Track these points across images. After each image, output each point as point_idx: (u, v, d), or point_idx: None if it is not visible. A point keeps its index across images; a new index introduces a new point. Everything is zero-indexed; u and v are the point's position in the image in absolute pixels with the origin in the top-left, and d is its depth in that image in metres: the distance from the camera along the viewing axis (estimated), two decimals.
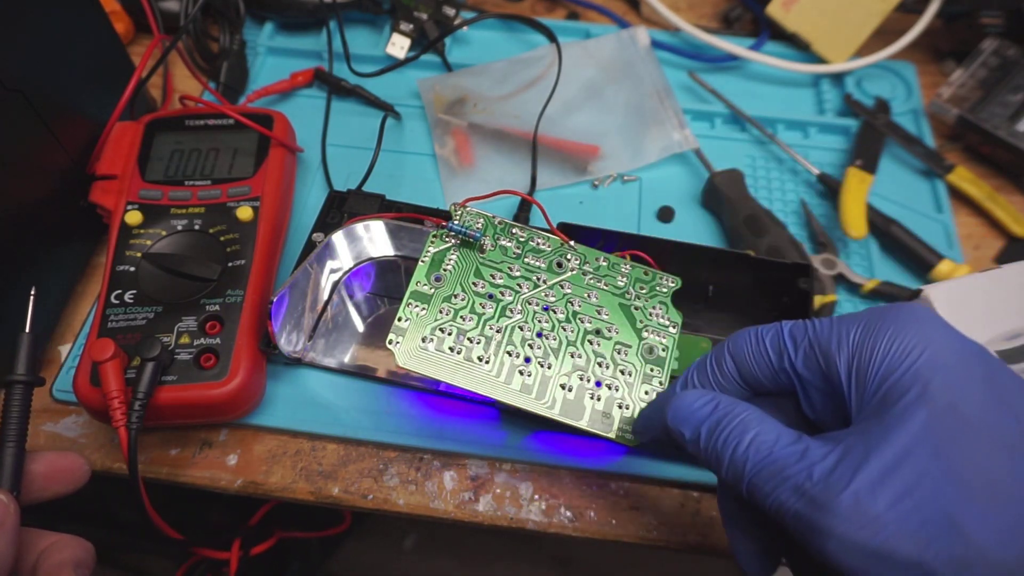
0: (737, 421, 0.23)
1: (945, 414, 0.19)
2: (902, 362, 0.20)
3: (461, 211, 0.34)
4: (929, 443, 0.19)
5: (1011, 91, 0.46)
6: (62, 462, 0.29)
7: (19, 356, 0.28)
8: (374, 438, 0.36)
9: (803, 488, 0.20)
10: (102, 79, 0.41)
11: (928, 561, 0.18)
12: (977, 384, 0.19)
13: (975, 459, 0.19)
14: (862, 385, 0.21)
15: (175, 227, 0.37)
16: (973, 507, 0.18)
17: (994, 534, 0.18)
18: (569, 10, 0.56)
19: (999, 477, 0.18)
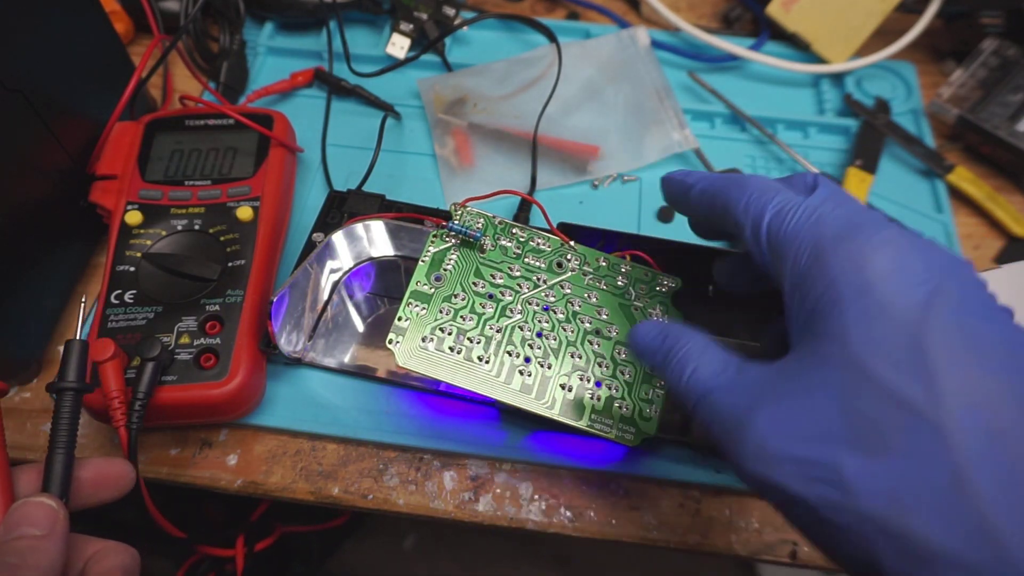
0: (681, 354, 0.25)
1: (854, 369, 0.20)
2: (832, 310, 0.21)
3: (461, 211, 0.34)
4: (833, 396, 0.20)
5: (1011, 91, 0.46)
6: (109, 468, 0.29)
7: (69, 363, 0.28)
8: (374, 438, 0.36)
9: (724, 423, 0.22)
10: (102, 79, 0.41)
11: (812, 501, 0.20)
12: (898, 342, 0.19)
13: (869, 415, 0.19)
14: (799, 312, 0.22)
15: (175, 227, 0.37)
16: (856, 457, 0.19)
17: (868, 484, 0.19)
18: (569, 10, 0.56)
19: (889, 434, 0.19)
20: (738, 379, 0.23)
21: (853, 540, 0.19)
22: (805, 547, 0.34)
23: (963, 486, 0.18)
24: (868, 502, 0.18)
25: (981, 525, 0.17)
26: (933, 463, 0.18)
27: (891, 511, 0.18)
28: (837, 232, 0.22)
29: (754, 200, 0.24)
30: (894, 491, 0.18)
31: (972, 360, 0.19)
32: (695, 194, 0.27)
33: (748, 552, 0.34)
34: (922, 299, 0.20)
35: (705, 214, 0.27)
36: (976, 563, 0.17)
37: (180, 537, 0.35)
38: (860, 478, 0.19)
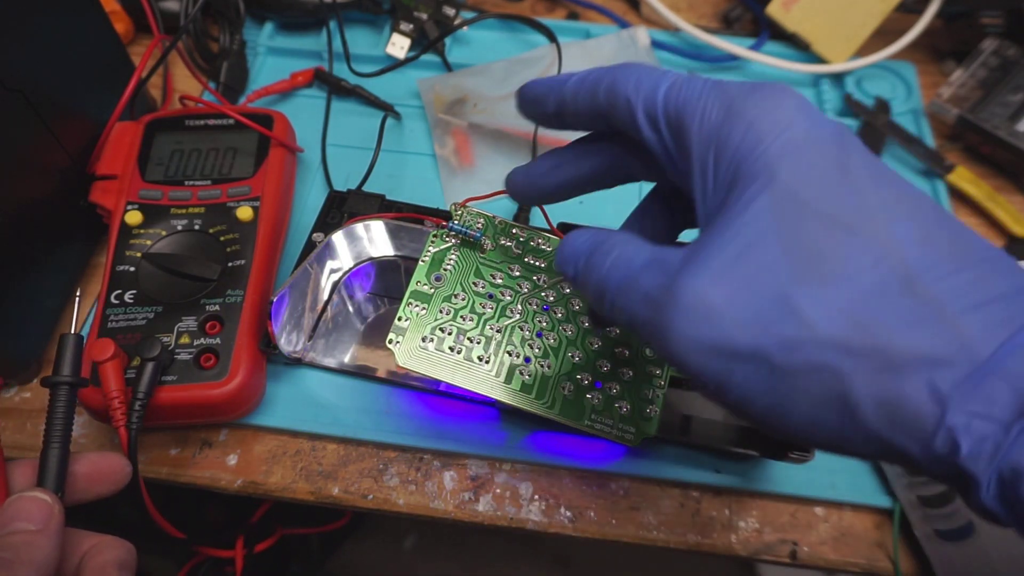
0: (605, 247, 0.23)
1: (787, 198, 0.19)
2: (753, 150, 0.20)
3: (461, 211, 0.34)
4: (769, 230, 0.19)
5: (1011, 91, 0.46)
6: (104, 463, 0.29)
7: (64, 357, 0.28)
8: (374, 438, 0.36)
9: (650, 295, 0.20)
10: (102, 79, 0.41)
11: (764, 346, 0.18)
12: (825, 166, 0.19)
13: (812, 241, 0.19)
14: (716, 174, 0.21)
15: (175, 227, 0.37)
16: (807, 288, 0.18)
17: (824, 311, 0.18)
18: (569, 10, 0.56)
19: (833, 257, 0.18)
20: (665, 254, 0.21)
21: (815, 376, 0.18)
22: (805, 547, 0.35)
23: (914, 286, 0.18)
24: (828, 328, 0.18)
25: (938, 316, 0.17)
26: (882, 273, 0.18)
27: (853, 329, 0.18)
28: (742, 88, 0.21)
29: (645, 76, 0.23)
30: (851, 311, 0.18)
31: (886, 180, 0.20)
32: (571, 85, 0.25)
33: (748, 552, 0.34)
34: (834, 132, 0.20)
35: (584, 106, 0.25)
36: (940, 353, 0.17)
37: (180, 538, 0.35)
38: (814, 307, 0.18)
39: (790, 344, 0.18)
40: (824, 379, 0.18)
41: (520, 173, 0.29)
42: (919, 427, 0.17)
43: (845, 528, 0.35)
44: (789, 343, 0.18)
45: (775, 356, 0.18)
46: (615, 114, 0.24)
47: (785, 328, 0.18)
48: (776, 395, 0.19)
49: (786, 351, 0.18)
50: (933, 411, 0.17)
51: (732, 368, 0.19)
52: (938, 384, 0.17)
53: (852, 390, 0.18)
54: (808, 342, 0.18)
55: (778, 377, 0.18)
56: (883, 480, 0.36)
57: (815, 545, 0.35)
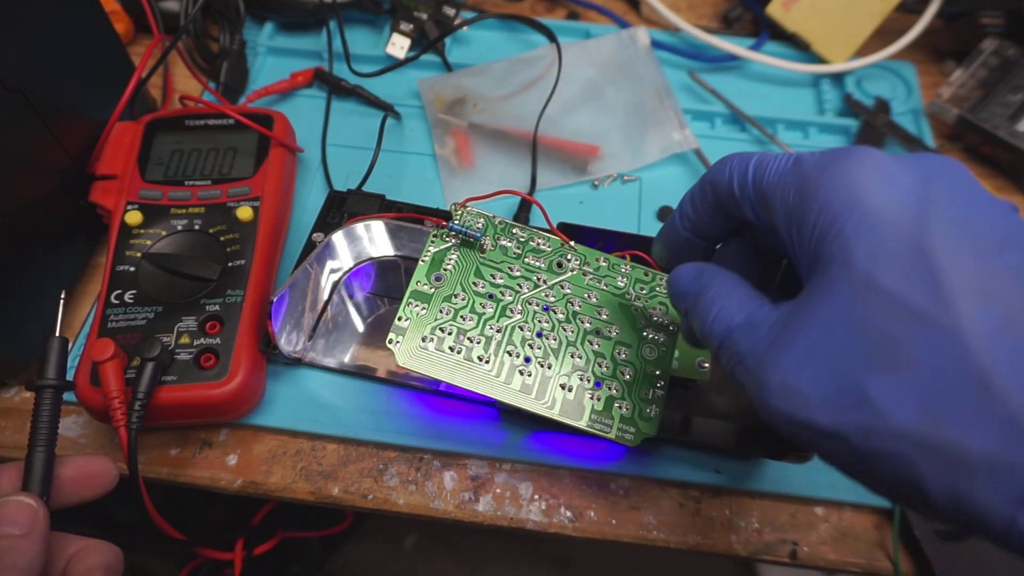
0: (710, 294, 0.25)
1: (861, 284, 0.19)
2: (828, 232, 0.20)
3: (461, 211, 0.34)
4: (847, 317, 0.19)
5: (1011, 91, 0.46)
6: (91, 467, 0.28)
7: (49, 360, 0.28)
8: (374, 438, 0.36)
9: (744, 362, 0.22)
10: (102, 79, 0.41)
11: (843, 430, 0.19)
12: (899, 246, 0.19)
13: (886, 328, 0.19)
14: (801, 250, 0.22)
15: (175, 227, 0.37)
16: (880, 376, 0.18)
17: (896, 401, 0.18)
18: (569, 10, 0.56)
19: (906, 345, 0.18)
20: (758, 317, 0.23)
21: (890, 462, 0.18)
22: (805, 547, 0.35)
23: (988, 384, 0.17)
24: (899, 420, 0.18)
25: (1011, 418, 0.17)
26: (956, 367, 0.18)
27: (924, 424, 0.18)
28: (817, 163, 0.22)
29: (736, 161, 0.25)
30: (923, 403, 0.18)
31: (973, 253, 0.18)
32: (686, 202, 0.28)
33: (748, 552, 0.34)
34: (916, 201, 0.19)
35: (706, 212, 0.27)
36: (1011, 459, 0.17)
37: (180, 539, 0.35)
38: (887, 396, 0.18)
39: (865, 430, 0.19)
40: (897, 466, 0.18)
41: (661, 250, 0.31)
42: (992, 526, 0.17)
43: (845, 528, 0.35)
44: (864, 429, 0.19)
45: (853, 439, 0.19)
46: (723, 204, 0.26)
47: (860, 415, 0.19)
48: (859, 468, 0.20)
49: (862, 436, 0.19)
50: (1004, 515, 0.17)
51: (819, 441, 0.20)
52: (1010, 489, 0.17)
53: (923, 480, 0.18)
54: (881, 430, 0.18)
55: (858, 456, 0.19)
56: None
57: (815, 545, 0.35)
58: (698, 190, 0.27)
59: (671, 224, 0.29)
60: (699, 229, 0.28)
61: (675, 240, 0.29)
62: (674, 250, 0.29)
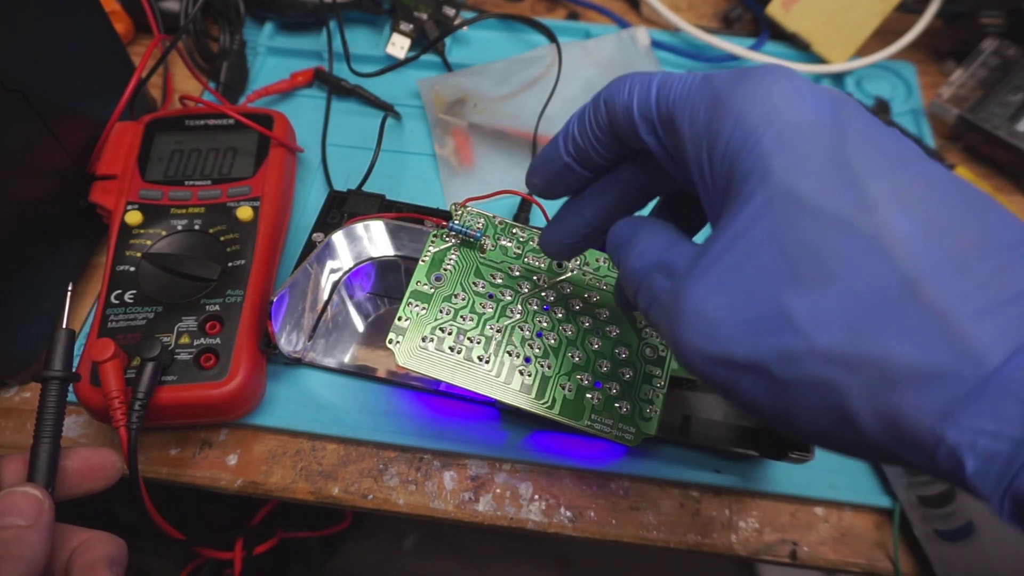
0: (635, 239, 0.23)
1: (781, 197, 0.18)
2: (743, 146, 0.19)
3: (462, 211, 0.34)
4: (765, 233, 0.18)
5: (1011, 91, 0.46)
6: (95, 458, 0.28)
7: (55, 352, 0.28)
8: (374, 438, 0.36)
9: (660, 298, 0.20)
10: (102, 79, 0.41)
11: (763, 359, 0.18)
12: (820, 157, 0.18)
13: (808, 243, 0.17)
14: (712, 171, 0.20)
15: (175, 227, 0.37)
16: (803, 295, 0.17)
17: (819, 318, 0.17)
18: (569, 10, 0.56)
19: (830, 260, 0.17)
20: (676, 254, 0.21)
21: (814, 391, 0.17)
22: (805, 547, 0.35)
23: (916, 292, 0.16)
24: (823, 340, 0.17)
25: (939, 324, 0.16)
26: (881, 277, 0.17)
27: (850, 340, 0.17)
28: (729, 79, 0.20)
29: (638, 81, 0.23)
30: (849, 318, 0.17)
31: (889, 164, 0.18)
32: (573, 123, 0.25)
33: (748, 552, 0.34)
34: (831, 116, 0.19)
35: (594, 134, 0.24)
36: (939, 366, 0.16)
37: (180, 539, 0.35)
38: (810, 315, 0.17)
39: (786, 356, 0.17)
40: (822, 392, 0.17)
41: (551, 236, 0.29)
42: (920, 443, 0.16)
43: (845, 528, 0.35)
44: (785, 355, 0.17)
45: (773, 368, 0.18)
46: (618, 126, 0.23)
47: (781, 339, 0.17)
48: (780, 403, 0.18)
49: (783, 363, 0.17)
50: (932, 428, 0.16)
51: (737, 377, 0.18)
52: (938, 399, 0.16)
53: (850, 404, 0.17)
54: (804, 354, 0.17)
55: (779, 388, 0.18)
56: (883, 480, 0.36)
57: (815, 545, 0.35)
58: (590, 109, 0.24)
59: (552, 147, 0.26)
60: (584, 155, 0.25)
61: (554, 166, 0.26)
62: (550, 177, 0.27)
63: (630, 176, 0.26)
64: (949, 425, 0.16)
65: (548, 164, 0.26)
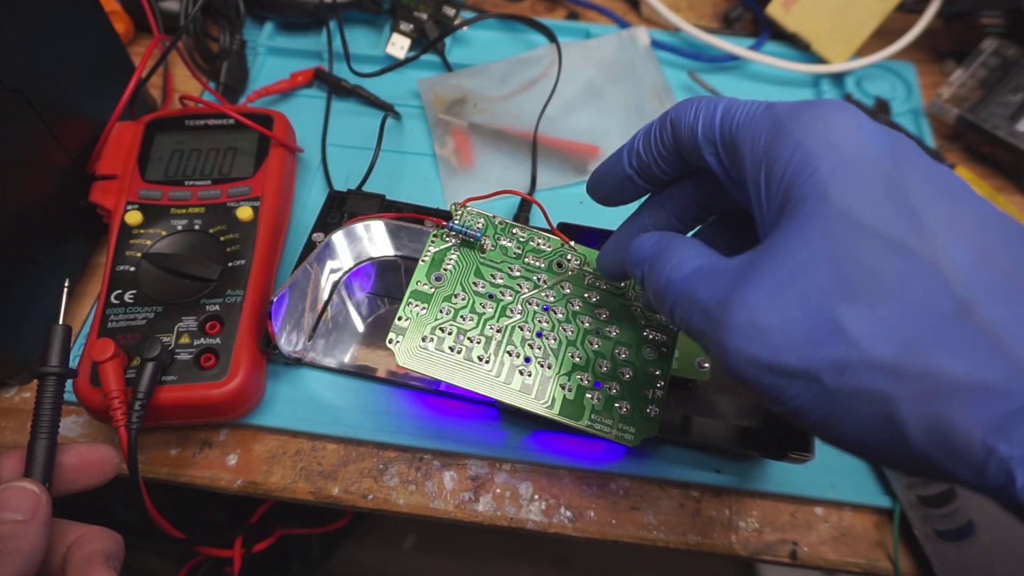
0: (668, 252, 0.24)
1: (839, 219, 0.19)
2: (802, 171, 0.20)
3: (462, 211, 0.34)
4: (821, 250, 0.19)
5: (1011, 91, 0.46)
6: (93, 454, 0.29)
7: (52, 348, 0.28)
8: (374, 438, 0.36)
9: (706, 308, 0.21)
10: (102, 79, 0.41)
11: (814, 367, 0.18)
12: (879, 185, 0.19)
13: (864, 262, 0.18)
14: (768, 194, 0.21)
15: (175, 227, 0.37)
16: (857, 308, 0.18)
17: (873, 332, 0.18)
18: (569, 10, 0.56)
19: (885, 278, 0.18)
20: (719, 264, 0.22)
21: (864, 399, 0.18)
22: (805, 547, 0.35)
23: (968, 311, 0.17)
24: (877, 350, 0.18)
25: (992, 343, 0.17)
26: (935, 296, 0.18)
27: (904, 353, 0.17)
28: (790, 108, 0.21)
29: (703, 105, 0.24)
30: (902, 334, 0.17)
31: (945, 194, 0.19)
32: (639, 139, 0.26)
33: (748, 552, 0.34)
34: (889, 147, 0.20)
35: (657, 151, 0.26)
36: (993, 382, 0.17)
37: (179, 538, 0.35)
38: (864, 328, 0.18)
39: (839, 366, 0.18)
40: (872, 401, 0.18)
41: (611, 255, 0.30)
42: (970, 456, 0.17)
43: (845, 528, 0.35)
44: (838, 364, 0.18)
45: (824, 376, 0.18)
46: (682, 145, 0.25)
47: (834, 349, 0.18)
48: (826, 411, 0.19)
49: (835, 372, 0.18)
50: (984, 441, 0.16)
51: (785, 384, 0.19)
52: (991, 413, 0.16)
53: (899, 413, 0.17)
54: (857, 364, 0.18)
55: (828, 396, 0.18)
56: (883, 480, 0.36)
57: (815, 545, 0.35)
58: (656, 127, 0.25)
59: (616, 159, 0.27)
60: (646, 169, 0.26)
61: (616, 177, 0.27)
62: (612, 188, 0.28)
63: (690, 192, 0.27)
64: (1002, 439, 0.16)
65: (610, 175, 0.28)
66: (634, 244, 0.26)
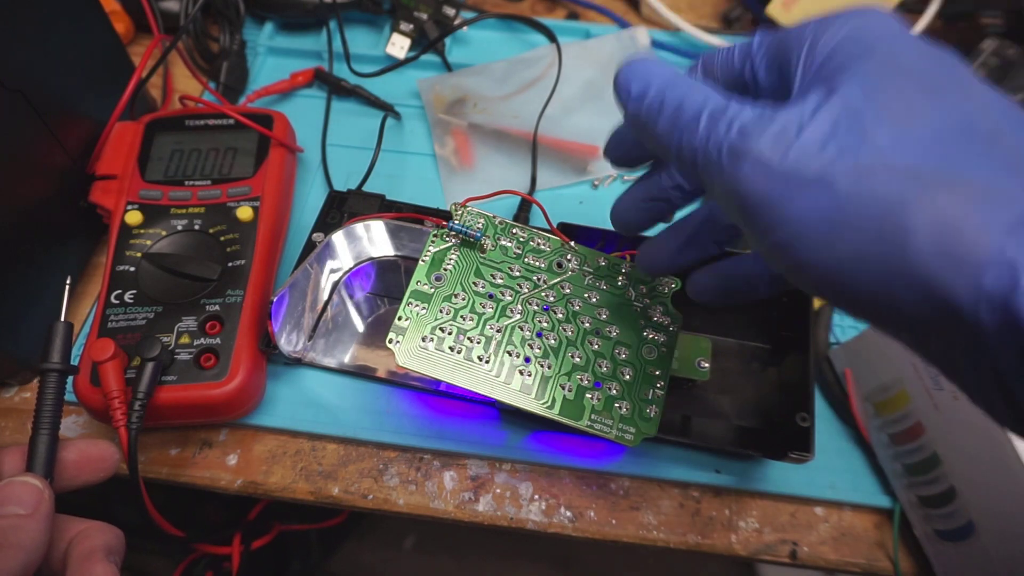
0: (689, 84, 0.23)
1: (883, 62, 0.19)
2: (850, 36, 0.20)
3: (462, 211, 0.34)
4: (860, 83, 0.19)
5: (1011, 91, 0.46)
6: (93, 450, 0.29)
7: (53, 344, 0.28)
8: (374, 438, 0.36)
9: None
10: (102, 79, 0.41)
11: (830, 173, 0.18)
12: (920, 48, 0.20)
13: (901, 94, 0.19)
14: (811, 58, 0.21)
15: (175, 227, 0.37)
16: (886, 124, 0.18)
17: (901, 143, 0.18)
18: (569, 10, 0.56)
19: (921, 105, 0.18)
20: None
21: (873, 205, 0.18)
22: (805, 547, 0.35)
23: (999, 138, 0.18)
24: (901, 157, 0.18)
25: (1019, 163, 0.17)
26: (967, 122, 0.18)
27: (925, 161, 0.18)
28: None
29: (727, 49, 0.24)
30: (929, 146, 0.18)
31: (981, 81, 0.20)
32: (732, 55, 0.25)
33: (748, 552, 0.34)
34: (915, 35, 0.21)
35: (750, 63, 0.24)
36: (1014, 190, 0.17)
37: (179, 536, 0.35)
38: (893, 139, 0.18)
39: (860, 169, 0.18)
40: (884, 206, 0.17)
41: (652, 257, 0.30)
42: (973, 257, 0.16)
43: (845, 528, 0.35)
44: (859, 168, 0.18)
45: (840, 182, 0.18)
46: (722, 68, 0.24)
47: (859, 155, 0.18)
48: (828, 225, 0.18)
49: (854, 176, 0.18)
50: (993, 241, 0.16)
51: (792, 196, 0.19)
52: (1006, 216, 0.16)
53: (910, 216, 0.17)
54: (878, 168, 0.18)
55: (837, 205, 0.18)
56: (883, 480, 0.36)
57: (815, 545, 0.35)
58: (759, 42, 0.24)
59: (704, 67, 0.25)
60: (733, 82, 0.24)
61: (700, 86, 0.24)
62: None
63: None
64: (1012, 240, 0.16)
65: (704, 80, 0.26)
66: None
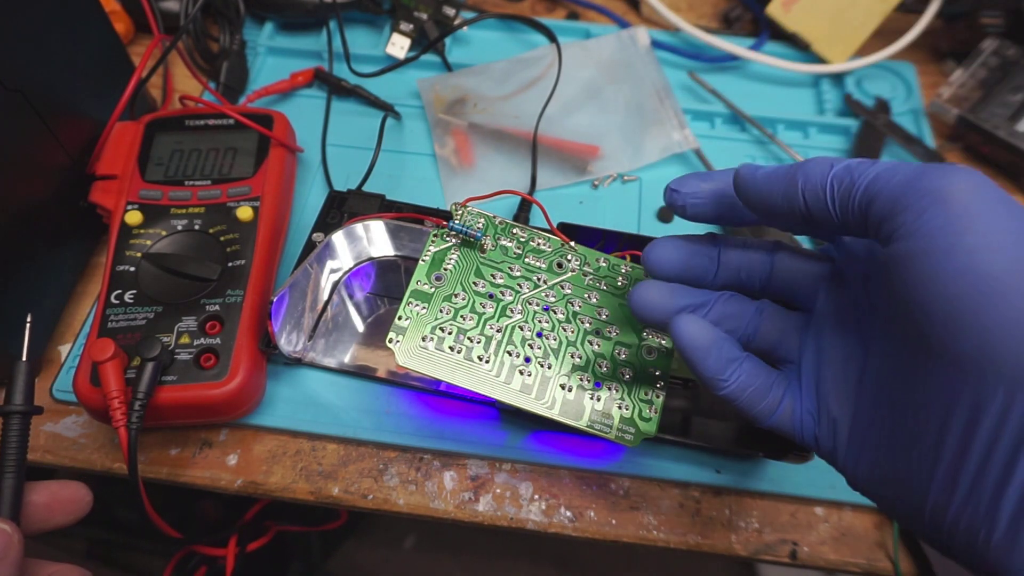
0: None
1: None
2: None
3: (462, 211, 0.34)
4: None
5: (1011, 91, 0.46)
6: (64, 492, 0.28)
7: (16, 385, 0.28)
8: (374, 438, 0.36)
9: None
10: (102, 79, 0.41)
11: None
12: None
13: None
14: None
15: (175, 227, 0.37)
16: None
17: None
18: (569, 10, 0.56)
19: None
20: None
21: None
22: (805, 547, 0.35)
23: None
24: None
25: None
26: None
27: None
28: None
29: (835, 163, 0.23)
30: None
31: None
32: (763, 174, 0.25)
33: (748, 552, 0.34)
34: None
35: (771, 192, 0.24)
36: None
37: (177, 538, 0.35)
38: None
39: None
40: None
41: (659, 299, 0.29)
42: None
43: (845, 528, 0.35)
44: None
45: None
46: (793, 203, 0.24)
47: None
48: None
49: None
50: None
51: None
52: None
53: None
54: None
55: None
56: None
57: (815, 545, 0.35)
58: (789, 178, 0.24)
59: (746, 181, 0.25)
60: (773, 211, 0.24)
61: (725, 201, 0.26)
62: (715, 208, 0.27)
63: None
64: None
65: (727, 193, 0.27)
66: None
